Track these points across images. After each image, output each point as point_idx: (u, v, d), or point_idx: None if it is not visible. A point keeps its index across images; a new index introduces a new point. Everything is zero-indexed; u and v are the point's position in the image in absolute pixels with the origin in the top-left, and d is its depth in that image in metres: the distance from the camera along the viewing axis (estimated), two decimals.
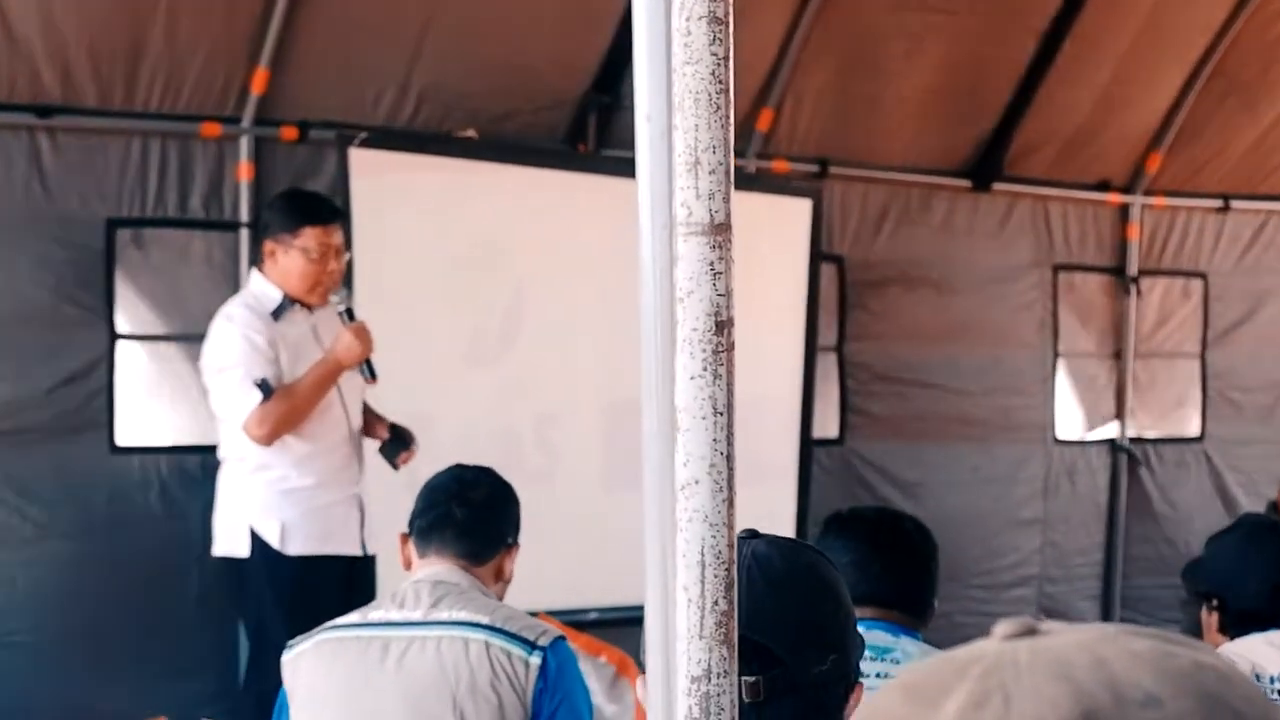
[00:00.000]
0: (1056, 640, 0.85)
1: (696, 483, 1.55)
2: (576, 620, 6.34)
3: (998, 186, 8.22)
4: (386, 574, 5.56)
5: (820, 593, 2.00)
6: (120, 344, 6.19)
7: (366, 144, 6.30)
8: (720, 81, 1.54)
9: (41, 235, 6.03)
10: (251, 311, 5.32)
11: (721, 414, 1.55)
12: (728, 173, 1.56)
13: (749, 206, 6.96)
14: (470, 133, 6.64)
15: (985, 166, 8.16)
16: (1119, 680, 0.81)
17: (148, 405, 6.28)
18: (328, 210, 5.47)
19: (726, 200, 1.55)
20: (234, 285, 6.30)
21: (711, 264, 1.55)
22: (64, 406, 6.08)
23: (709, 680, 1.56)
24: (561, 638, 3.43)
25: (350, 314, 5.41)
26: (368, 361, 5.40)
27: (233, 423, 5.27)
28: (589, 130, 6.98)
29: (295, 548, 5.31)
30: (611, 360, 6.79)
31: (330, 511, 5.40)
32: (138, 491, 6.22)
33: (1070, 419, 8.68)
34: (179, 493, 6.27)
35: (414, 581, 3.53)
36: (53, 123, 6.01)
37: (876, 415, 7.96)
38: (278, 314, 5.33)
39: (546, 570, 6.30)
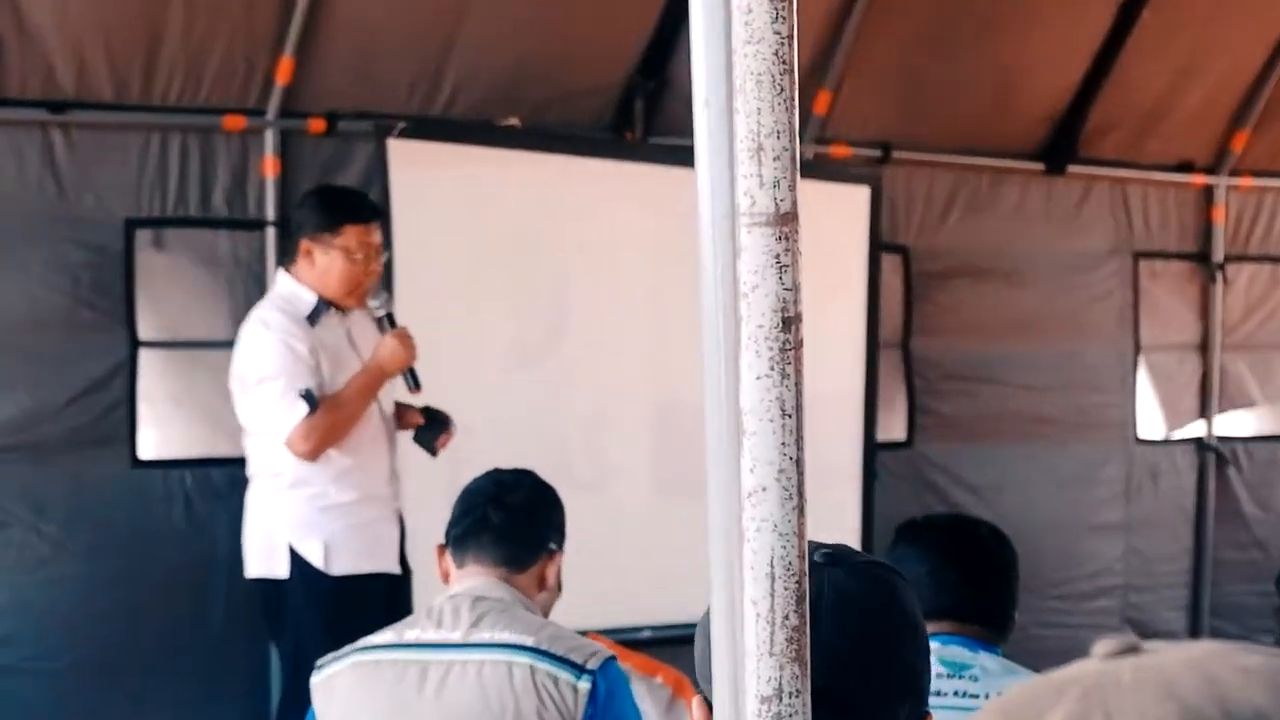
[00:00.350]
0: (1161, 658, 0.84)
1: (764, 490, 1.55)
2: (630, 639, 6.34)
3: (1072, 169, 8.19)
4: (422, 589, 5.59)
5: (908, 635, 1.98)
6: (141, 351, 6.22)
7: (405, 134, 6.31)
8: (784, 62, 1.54)
9: (56, 237, 6.07)
10: (287, 316, 5.32)
11: (790, 416, 1.54)
12: (793, 159, 1.56)
13: (804, 195, 6.98)
14: (514, 121, 6.65)
15: (1059, 148, 8.12)
16: (1229, 698, 0.80)
17: (171, 416, 6.31)
18: (369, 208, 5.50)
19: (792, 188, 1.55)
20: (260, 287, 6.33)
21: (777, 256, 1.54)
22: (82, 418, 6.12)
23: (780, 700, 1.56)
24: (612, 658, 3.42)
25: (391, 320, 5.43)
26: (411, 369, 5.42)
27: (275, 437, 5.26)
28: (635, 117, 6.99)
29: (340, 567, 5.33)
30: (662, 360, 6.80)
31: (372, 528, 5.42)
32: (161, 507, 6.25)
33: (1153, 417, 8.64)
34: (204, 508, 6.29)
35: (451, 596, 3.51)
36: (67, 118, 6.05)
37: (946, 415, 7.94)
38: (313, 318, 5.34)
39: (597, 585, 6.30)
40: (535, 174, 6.68)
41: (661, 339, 6.74)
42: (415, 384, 5.46)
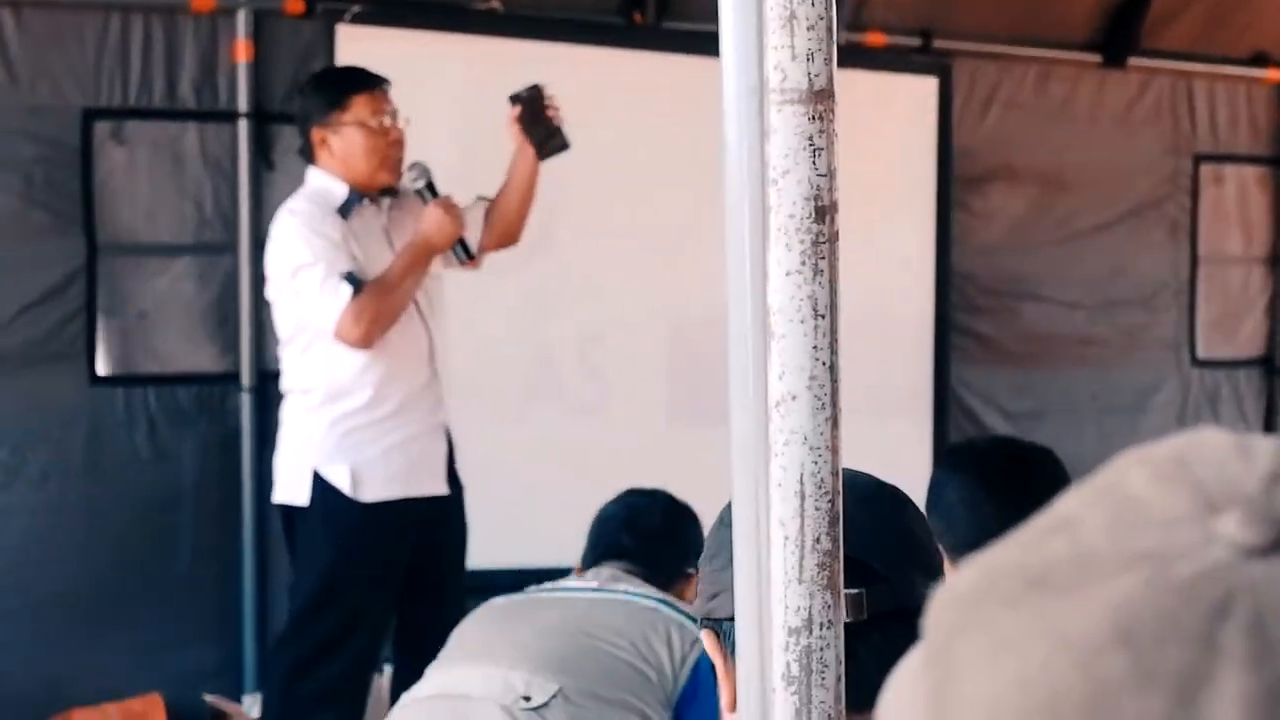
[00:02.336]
0: None
1: (794, 398, 1.54)
2: None
3: (1133, 62, 8.13)
4: (477, 506, 5.63)
5: (914, 513, 2.00)
6: (101, 256, 6.21)
7: (358, 19, 6.27)
8: None
9: (6, 129, 6.05)
10: (317, 206, 5.34)
11: (823, 316, 1.53)
12: (830, 29, 1.54)
13: (858, 87, 6.98)
14: (494, 4, 6.60)
15: (1117, 38, 8.07)
16: None
17: (134, 328, 6.30)
18: (372, 75, 5.49)
19: (829, 62, 1.53)
20: (231, 185, 6.31)
21: (810, 138, 1.53)
22: (35, 330, 6.11)
23: (810, 632, 1.55)
24: None
25: (433, 189, 5.45)
26: (461, 240, 5.43)
27: (323, 326, 5.26)
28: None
29: (371, 493, 5.34)
30: (672, 272, 6.77)
31: (411, 446, 5.43)
32: (122, 429, 6.25)
33: (1214, 336, 8.60)
34: (169, 431, 6.30)
35: (590, 572, 3.83)
36: None
37: (981, 335, 7.92)
38: (345, 211, 5.35)
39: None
40: (529, 62, 6.60)
41: (678, 245, 6.70)
42: (467, 254, 5.48)
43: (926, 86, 7.51)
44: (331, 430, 5.35)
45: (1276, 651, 0.70)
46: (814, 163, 1.53)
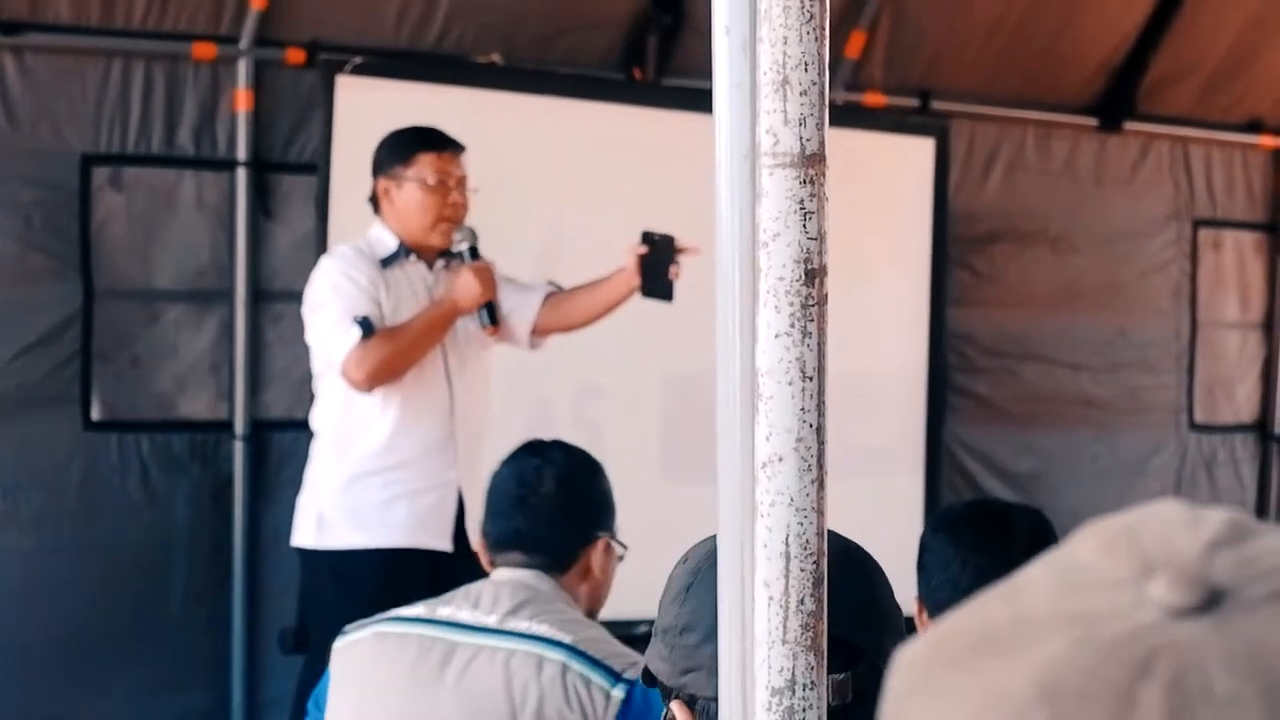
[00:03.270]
0: (1251, 623, 0.74)
1: (780, 460, 1.55)
2: (624, 635, 6.33)
3: (1129, 125, 8.17)
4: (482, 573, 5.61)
5: (881, 578, 2.00)
6: (97, 301, 6.22)
7: (359, 71, 6.30)
8: None
9: (6, 173, 6.06)
10: (357, 253, 5.40)
11: (811, 379, 1.54)
12: (822, 94, 1.55)
13: (857, 147, 7.00)
14: (494, 57, 6.63)
15: (1115, 102, 8.10)
16: None
17: (129, 374, 6.30)
18: (444, 137, 5.54)
19: (820, 127, 1.55)
20: (229, 234, 6.33)
21: (801, 201, 1.54)
22: (31, 374, 6.12)
23: (793, 692, 1.56)
24: None
25: (475, 252, 5.47)
26: (489, 305, 5.45)
27: (329, 365, 5.31)
28: (647, 55, 6.97)
29: (370, 540, 5.35)
30: (668, 328, 6.78)
31: (417, 500, 5.44)
32: (115, 475, 6.25)
33: (1210, 400, 8.62)
34: (161, 478, 6.30)
35: (494, 581, 3.59)
36: (20, 41, 6.04)
37: (982, 395, 7.94)
38: (388, 262, 5.39)
39: None
40: (530, 116, 6.63)
41: (668, 304, 6.71)
42: (492, 320, 5.48)
43: (924, 147, 7.54)
44: (340, 473, 5.38)
45: (1195, 708, 0.72)
46: (804, 226, 1.54)
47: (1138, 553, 0.78)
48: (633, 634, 6.47)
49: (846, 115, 6.72)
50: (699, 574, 1.93)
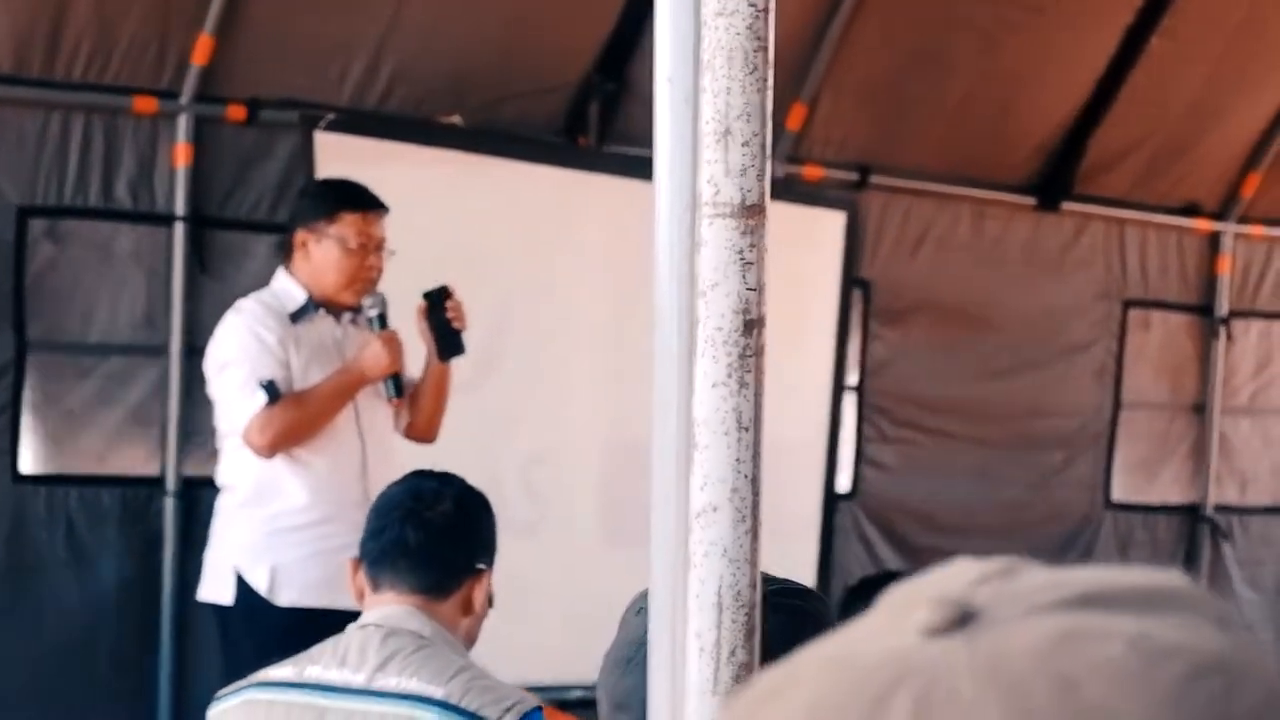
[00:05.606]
0: (1003, 645, 0.77)
1: (715, 510, 1.55)
2: (558, 699, 6.31)
3: (1067, 206, 8.22)
4: None
5: (827, 622, 2.00)
6: (31, 353, 6.17)
7: (334, 127, 6.31)
8: (759, 38, 1.54)
9: None
10: (265, 308, 5.36)
11: (747, 429, 1.54)
12: (763, 146, 1.56)
13: (771, 217, 7.04)
14: (455, 119, 6.65)
15: (1054, 182, 8.15)
16: (1085, 711, 0.75)
17: (60, 427, 6.26)
18: (370, 198, 5.52)
19: (761, 178, 1.55)
20: (166, 288, 6.30)
21: (741, 252, 1.54)
22: None
23: None
24: (537, 710, 3.39)
25: (383, 320, 5.45)
26: (395, 377, 5.43)
27: (233, 428, 5.27)
28: (590, 121, 6.99)
29: (288, 597, 5.31)
30: (614, 392, 6.80)
31: (335, 557, 5.39)
32: (43, 529, 6.20)
33: (1131, 481, 8.64)
34: (90, 535, 6.25)
35: (361, 628, 3.48)
36: None
37: (890, 468, 7.95)
38: (297, 317, 5.36)
39: (527, 639, 6.28)
40: (477, 178, 6.67)
41: (614, 368, 6.73)
42: (397, 393, 5.47)
43: (839, 220, 7.60)
44: (257, 529, 5.34)
45: (940, 711, 0.75)
46: (744, 276, 1.54)
47: (914, 598, 0.81)
48: (565, 699, 6.46)
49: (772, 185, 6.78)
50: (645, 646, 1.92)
